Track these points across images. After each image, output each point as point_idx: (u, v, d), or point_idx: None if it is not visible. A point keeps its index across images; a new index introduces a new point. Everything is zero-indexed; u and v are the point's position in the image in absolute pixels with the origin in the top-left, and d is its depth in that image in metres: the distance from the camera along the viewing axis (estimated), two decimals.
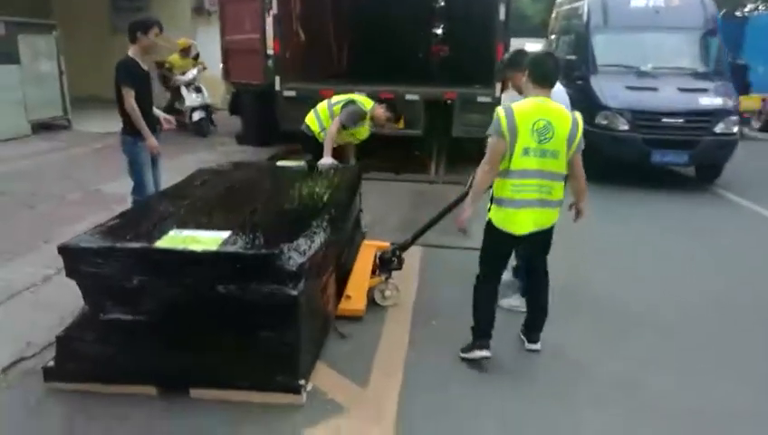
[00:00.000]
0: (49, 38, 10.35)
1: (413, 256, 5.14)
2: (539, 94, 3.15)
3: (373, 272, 4.18)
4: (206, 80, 11.92)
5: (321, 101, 7.43)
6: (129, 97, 4.54)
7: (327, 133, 5.24)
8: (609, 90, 7.90)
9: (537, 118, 3.06)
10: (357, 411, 2.95)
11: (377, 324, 3.87)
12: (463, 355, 3.45)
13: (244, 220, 3.32)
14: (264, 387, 2.94)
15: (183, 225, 3.21)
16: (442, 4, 12.43)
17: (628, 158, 7.76)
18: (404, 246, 4.28)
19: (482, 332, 3.42)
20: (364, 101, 5.43)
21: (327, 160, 5.10)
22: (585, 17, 8.91)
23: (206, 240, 2.97)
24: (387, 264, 4.21)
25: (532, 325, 3.60)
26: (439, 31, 13.59)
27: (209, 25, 14.37)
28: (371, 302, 4.09)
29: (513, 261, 4.05)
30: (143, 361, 2.97)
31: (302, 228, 3.21)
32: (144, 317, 2.92)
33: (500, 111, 3.11)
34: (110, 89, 4.74)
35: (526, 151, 3.05)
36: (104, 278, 2.93)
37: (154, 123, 4.82)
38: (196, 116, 10.72)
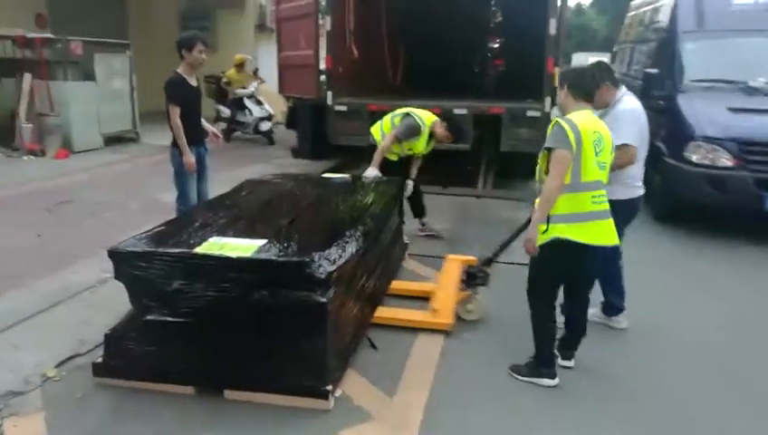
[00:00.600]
0: (123, 57, 11.01)
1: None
2: (582, 108, 3.16)
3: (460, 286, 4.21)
4: (265, 94, 12.37)
5: (370, 115, 7.66)
6: (174, 115, 4.76)
7: (380, 145, 5.35)
8: (705, 113, 6.11)
9: (593, 130, 3.07)
10: (382, 420, 3.00)
11: (410, 335, 3.90)
12: (523, 378, 3.36)
13: (280, 229, 3.45)
14: (293, 391, 3.03)
15: (223, 232, 3.38)
16: (499, 19, 12.44)
17: (731, 204, 6.00)
18: (487, 262, 4.22)
19: (549, 357, 3.36)
20: (422, 116, 5.46)
21: (371, 172, 5.20)
22: (671, 20, 7.25)
23: (243, 247, 3.11)
24: (473, 279, 4.17)
25: (570, 344, 3.53)
26: (495, 45, 13.57)
27: (270, 42, 14.91)
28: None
29: None
30: (181, 361, 3.13)
31: (335, 238, 3.31)
32: (183, 319, 3.07)
33: (563, 123, 3.02)
34: None
35: (594, 163, 3.05)
36: (147, 281, 3.12)
37: (201, 136, 5.02)
38: (264, 126, 11.31)
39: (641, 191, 3.86)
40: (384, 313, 4.03)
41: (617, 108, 3.77)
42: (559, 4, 6.94)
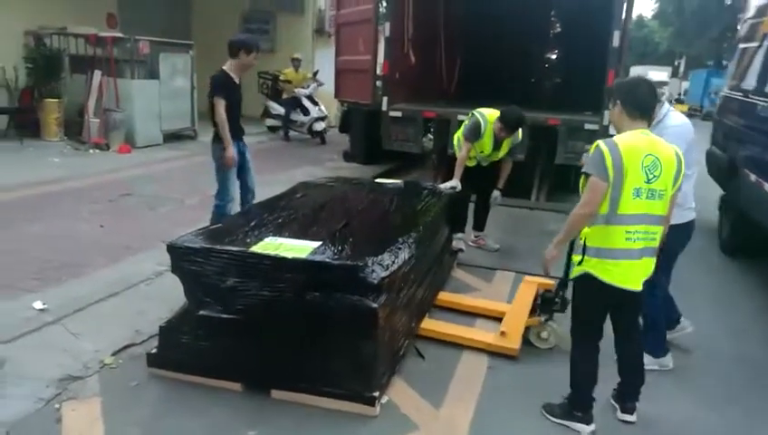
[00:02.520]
0: (186, 57, 11.34)
1: (506, 281, 5.10)
2: (637, 127, 2.77)
3: (533, 311, 3.95)
4: (321, 97, 12.55)
5: (425, 122, 7.66)
6: (220, 107, 4.82)
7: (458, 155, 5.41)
8: None
9: (646, 153, 2.67)
10: (427, 431, 2.97)
11: (457, 348, 3.85)
12: (555, 419, 3.09)
13: (335, 232, 3.46)
14: (339, 395, 3.03)
15: (278, 233, 3.42)
16: (558, 30, 12.24)
17: None
18: (563, 285, 3.74)
19: (584, 400, 3.02)
20: (485, 112, 5.40)
21: (448, 183, 5.21)
22: None
23: (298, 248, 3.14)
24: (549, 304, 3.86)
25: (627, 395, 3.15)
26: (553, 56, 13.35)
27: (327, 46, 15.10)
28: None
29: None
30: (231, 357, 3.18)
31: (387, 244, 3.31)
32: (235, 316, 3.12)
33: (603, 147, 2.66)
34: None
35: (637, 192, 2.66)
36: (203, 276, 3.18)
37: (240, 131, 5.15)
38: (318, 126, 11.52)
39: (694, 214, 3.62)
40: (446, 328, 3.93)
41: (663, 124, 3.48)
42: (623, 16, 6.75)
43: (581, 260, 2.79)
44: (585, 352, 2.99)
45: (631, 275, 2.76)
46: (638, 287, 2.80)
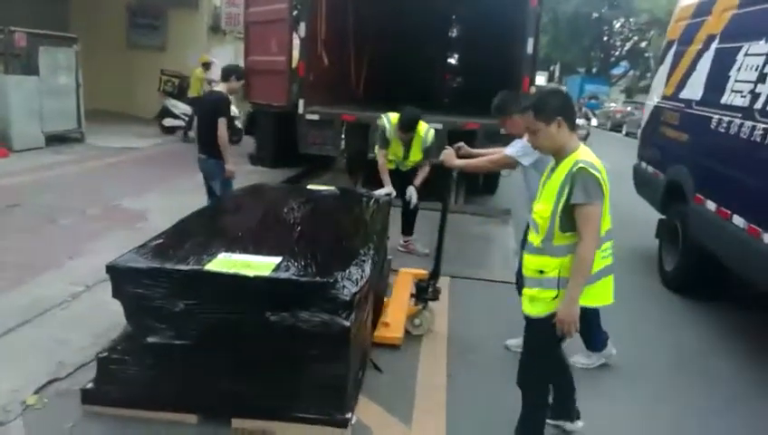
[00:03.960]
0: (69, 51, 10.38)
1: (443, 286, 5.10)
2: (572, 140, 2.55)
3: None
4: None
5: (343, 125, 7.52)
6: (224, 127, 5.01)
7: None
8: None
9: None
10: None
11: (412, 357, 3.80)
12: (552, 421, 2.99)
13: (293, 246, 3.25)
14: (309, 419, 2.84)
15: (230, 247, 3.15)
16: (466, 35, 12.54)
17: None
18: (434, 275, 4.20)
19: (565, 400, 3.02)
20: (390, 116, 5.50)
21: (382, 190, 5.28)
22: None
23: (258, 265, 2.90)
24: (422, 292, 4.15)
25: (570, 404, 3.06)
26: (453, 61, 13.68)
27: (223, 45, 14.51)
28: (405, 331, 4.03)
29: None
30: (185, 387, 2.89)
31: (350, 257, 3.16)
32: (189, 342, 2.84)
33: (593, 172, 2.43)
34: (123, 103, 4.91)
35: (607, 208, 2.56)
36: (150, 300, 2.86)
37: None
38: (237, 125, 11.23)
39: None
40: None
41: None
42: (535, 24, 7.02)
43: (557, 295, 2.50)
44: (544, 402, 2.78)
45: (603, 293, 2.62)
46: (609, 302, 2.67)
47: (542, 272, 2.56)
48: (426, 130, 5.59)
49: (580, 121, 4.62)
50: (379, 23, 10.74)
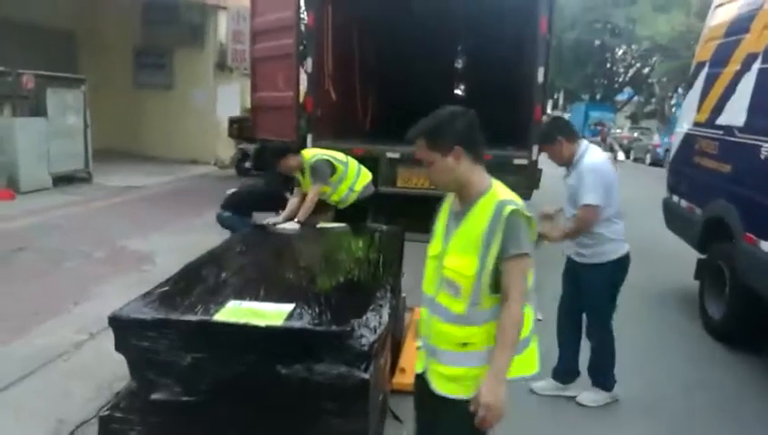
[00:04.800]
0: (77, 92, 10.42)
1: None
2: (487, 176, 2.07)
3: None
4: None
5: (353, 159, 7.41)
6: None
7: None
8: None
9: None
10: None
11: None
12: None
13: (304, 291, 3.09)
14: None
15: (239, 295, 2.99)
16: (461, 64, 12.50)
17: None
18: None
19: None
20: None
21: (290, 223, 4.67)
22: None
23: (269, 314, 2.73)
24: None
25: None
26: (460, 91, 13.61)
27: (230, 82, 14.59)
28: None
29: None
30: None
31: (366, 301, 2.98)
32: (198, 398, 2.65)
33: (527, 214, 1.96)
34: (130, 142, 4.73)
35: None
36: (155, 353, 2.68)
37: None
38: None
39: (628, 246, 3.60)
40: None
41: (582, 164, 3.48)
42: (546, 53, 6.94)
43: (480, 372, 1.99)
44: None
45: (532, 358, 2.15)
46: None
47: (466, 344, 2.01)
48: (310, 156, 5.05)
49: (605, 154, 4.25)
50: (385, 55, 10.74)
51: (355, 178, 5.20)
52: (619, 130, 31.00)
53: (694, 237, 5.33)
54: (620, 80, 41.44)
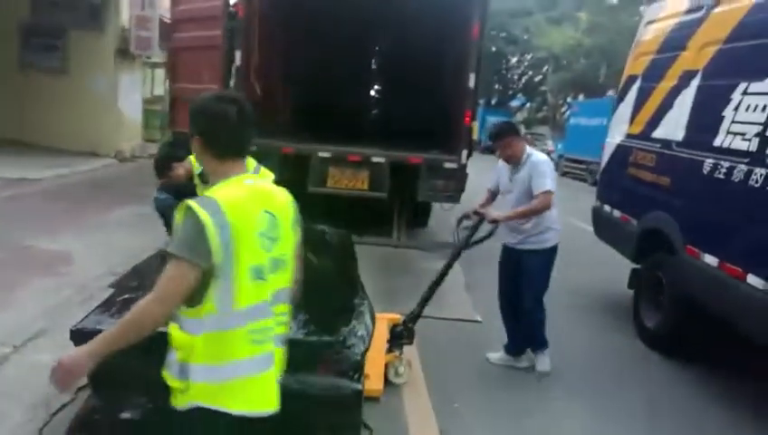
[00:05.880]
0: None
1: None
2: (234, 174, 1.81)
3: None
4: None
5: (282, 159, 7.20)
6: None
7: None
8: None
9: (261, 209, 1.79)
10: None
11: (397, 411, 3.55)
12: None
13: None
14: None
15: None
16: (387, 67, 12.48)
17: None
18: (414, 317, 4.04)
19: None
20: None
21: None
22: None
23: None
24: (399, 338, 3.93)
25: None
26: (385, 94, 13.50)
27: (133, 70, 13.68)
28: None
29: None
30: None
31: (347, 308, 2.91)
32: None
33: (200, 211, 1.65)
34: (14, 129, 4.16)
35: (254, 273, 1.74)
36: (124, 368, 2.44)
37: None
38: None
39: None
40: None
41: (532, 160, 4.02)
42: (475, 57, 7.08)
43: (185, 388, 1.76)
44: None
45: (266, 391, 1.81)
46: (275, 406, 1.82)
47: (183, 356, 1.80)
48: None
49: None
50: (307, 51, 10.53)
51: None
52: None
53: (628, 247, 5.38)
54: (514, 87, 43.61)
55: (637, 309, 5.24)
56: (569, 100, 34.58)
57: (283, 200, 1.88)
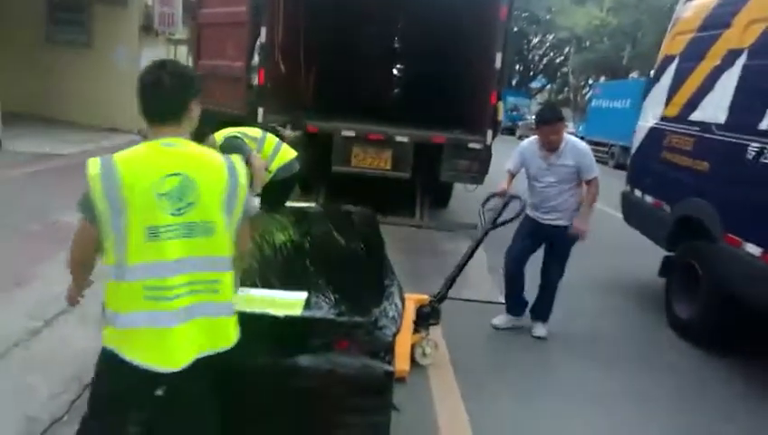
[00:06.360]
0: None
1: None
2: (164, 136, 1.90)
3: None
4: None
5: (307, 136, 7.17)
6: None
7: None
8: None
9: (165, 172, 1.83)
10: None
11: (424, 392, 3.56)
12: None
13: (309, 278, 2.93)
14: None
15: (246, 282, 2.78)
16: (412, 46, 12.27)
17: None
18: (441, 298, 4.05)
19: None
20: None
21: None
22: None
23: (282, 302, 2.56)
24: (426, 318, 3.92)
25: None
26: (409, 73, 13.30)
27: (156, 46, 13.68)
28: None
29: None
30: None
31: (377, 288, 2.88)
32: None
33: (91, 168, 1.79)
34: (41, 105, 4.12)
35: (154, 232, 1.81)
36: None
37: None
38: None
39: None
40: None
41: (577, 146, 4.24)
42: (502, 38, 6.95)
43: (105, 330, 1.90)
44: None
45: (170, 349, 1.85)
46: (179, 365, 1.86)
47: None
48: (221, 137, 4.54)
49: None
50: (329, 28, 10.43)
51: (271, 156, 4.80)
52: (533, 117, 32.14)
53: (661, 234, 5.23)
54: (535, 68, 42.97)
55: (669, 298, 5.07)
56: (590, 81, 34.02)
57: (212, 167, 1.90)
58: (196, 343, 1.89)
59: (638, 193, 5.91)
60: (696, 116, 4.96)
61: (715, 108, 4.67)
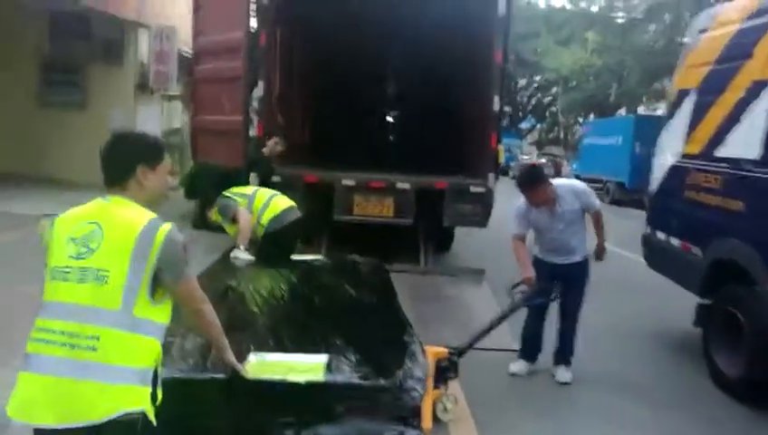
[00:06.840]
0: None
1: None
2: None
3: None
4: None
5: (305, 186, 7.10)
6: None
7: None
8: None
9: (85, 221, 1.88)
10: None
11: None
12: None
13: (326, 337, 2.79)
14: None
15: (254, 343, 2.65)
16: (410, 90, 12.33)
17: None
18: (462, 352, 3.87)
19: None
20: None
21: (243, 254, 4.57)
22: None
23: (302, 366, 2.43)
24: (444, 372, 3.74)
25: None
26: (390, 119, 13.46)
27: (151, 104, 13.74)
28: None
29: None
30: None
31: (399, 347, 2.76)
32: None
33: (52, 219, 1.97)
34: (34, 165, 4.07)
35: (53, 274, 1.83)
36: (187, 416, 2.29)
37: None
38: None
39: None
40: None
41: (573, 188, 4.31)
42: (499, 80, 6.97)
43: None
44: None
45: (34, 400, 1.72)
46: (52, 421, 1.69)
47: None
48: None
49: None
50: (326, 77, 10.52)
51: (261, 209, 4.86)
52: (526, 157, 32.44)
53: (693, 280, 4.82)
54: (524, 109, 43.62)
55: (708, 351, 4.55)
56: (580, 119, 34.50)
57: (127, 222, 1.88)
58: (74, 403, 1.71)
59: (661, 236, 5.50)
60: (722, 152, 4.63)
61: (744, 143, 4.35)
